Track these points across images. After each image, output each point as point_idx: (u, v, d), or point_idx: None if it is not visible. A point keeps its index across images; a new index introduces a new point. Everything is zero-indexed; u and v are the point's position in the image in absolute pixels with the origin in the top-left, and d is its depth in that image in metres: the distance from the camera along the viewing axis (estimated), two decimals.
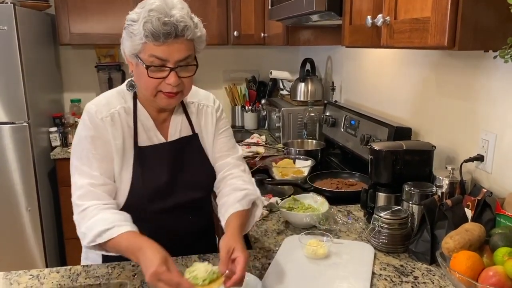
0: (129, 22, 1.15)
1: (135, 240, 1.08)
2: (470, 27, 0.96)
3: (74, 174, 1.23)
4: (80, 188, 1.19)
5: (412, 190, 1.39)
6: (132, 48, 1.16)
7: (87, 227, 1.14)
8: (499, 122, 1.34)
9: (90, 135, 1.22)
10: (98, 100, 1.28)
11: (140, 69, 1.17)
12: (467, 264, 1.04)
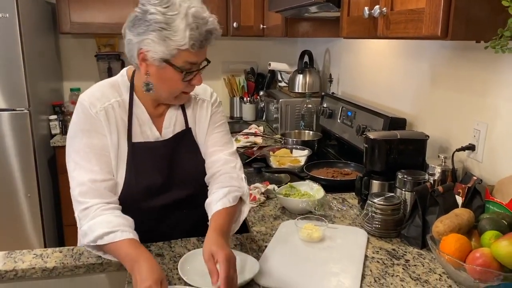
0: (160, 25, 1.10)
1: (135, 250, 1.07)
2: (462, 18, 1.00)
3: (73, 168, 1.20)
4: (82, 184, 1.17)
5: (405, 177, 1.43)
6: (165, 53, 1.12)
7: (89, 227, 1.12)
8: (490, 112, 1.38)
9: (86, 129, 1.20)
10: (91, 92, 1.25)
11: (168, 73, 1.16)
12: (456, 246, 1.08)
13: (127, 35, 1.18)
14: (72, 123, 1.23)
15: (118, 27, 3.17)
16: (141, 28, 1.12)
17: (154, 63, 1.15)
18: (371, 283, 1.13)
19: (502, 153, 1.36)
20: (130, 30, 1.16)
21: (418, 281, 1.14)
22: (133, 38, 1.15)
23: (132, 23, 1.15)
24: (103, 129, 1.21)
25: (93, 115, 1.20)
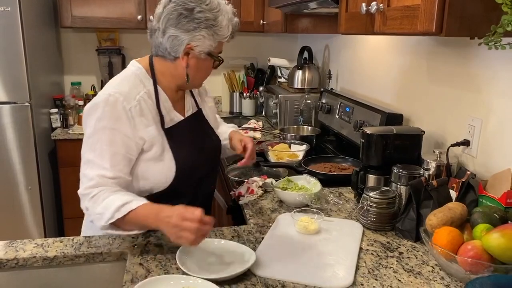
0: (211, 22, 1.21)
1: (153, 206, 1.16)
2: (456, 14, 1.02)
3: (85, 166, 1.23)
4: (90, 180, 1.21)
5: (400, 172, 1.45)
6: (210, 47, 1.24)
7: (103, 207, 1.17)
8: (485, 108, 1.40)
9: (108, 127, 1.21)
10: (119, 87, 1.25)
11: (206, 64, 1.29)
12: (448, 239, 1.10)
13: (170, 31, 1.22)
14: (93, 121, 1.22)
15: (119, 21, 3.19)
16: (191, 25, 1.21)
17: (200, 56, 1.26)
18: (365, 274, 1.15)
19: (495, 148, 1.38)
20: (176, 26, 1.21)
21: (411, 272, 1.16)
22: (180, 34, 1.22)
23: (177, 21, 1.21)
24: (130, 129, 1.23)
25: (124, 112, 1.22)
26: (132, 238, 1.33)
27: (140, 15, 2.96)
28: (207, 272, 1.10)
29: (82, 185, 1.23)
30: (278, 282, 1.11)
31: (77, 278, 1.25)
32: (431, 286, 1.10)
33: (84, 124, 1.28)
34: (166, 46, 1.25)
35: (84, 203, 1.22)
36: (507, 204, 1.23)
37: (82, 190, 1.22)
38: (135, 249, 1.27)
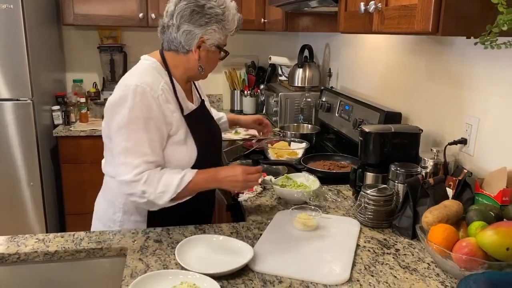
0: (219, 16, 1.33)
1: (207, 171, 1.38)
2: (453, 14, 1.03)
3: (124, 155, 1.30)
4: (136, 166, 1.29)
5: (398, 170, 1.47)
6: (220, 40, 1.37)
7: (163, 185, 1.29)
8: (481, 107, 1.42)
9: (143, 117, 1.29)
10: (143, 78, 1.33)
11: (215, 55, 1.41)
12: (443, 236, 1.12)
13: (185, 27, 1.33)
14: (125, 111, 1.29)
15: (120, 19, 3.20)
16: (203, 21, 1.32)
17: (211, 49, 1.38)
18: (361, 271, 1.17)
19: (492, 147, 1.40)
20: (190, 22, 1.33)
21: (407, 269, 1.18)
22: (194, 29, 1.33)
23: (190, 17, 1.32)
24: (162, 114, 1.34)
25: (154, 100, 1.31)
26: (132, 234, 1.35)
27: (141, 13, 2.97)
28: (205, 267, 1.12)
29: (129, 173, 1.29)
30: (275, 278, 1.12)
31: (78, 273, 1.27)
32: (426, 282, 1.12)
33: (111, 116, 1.33)
34: (180, 40, 1.36)
35: (137, 187, 1.29)
36: (502, 202, 1.25)
37: (132, 177, 1.29)
38: (134, 244, 1.29)
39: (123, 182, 1.31)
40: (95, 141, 2.86)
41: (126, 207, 1.46)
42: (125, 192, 1.34)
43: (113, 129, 1.33)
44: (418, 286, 1.10)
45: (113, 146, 1.34)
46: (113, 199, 1.48)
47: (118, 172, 1.32)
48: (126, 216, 1.46)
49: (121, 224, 1.47)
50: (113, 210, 1.48)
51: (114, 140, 1.33)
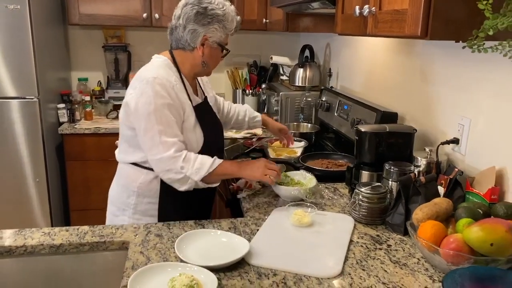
0: (220, 17, 1.49)
1: (233, 161, 1.67)
2: (441, 19, 1.07)
3: (159, 136, 1.45)
4: (173, 144, 1.46)
5: (392, 168, 1.51)
6: (220, 38, 1.53)
7: (199, 163, 1.47)
8: (474, 108, 1.46)
9: (166, 103, 1.46)
10: (157, 72, 1.49)
11: (217, 52, 1.56)
12: (431, 232, 1.16)
13: (190, 26, 1.50)
14: (149, 99, 1.45)
15: (124, 19, 3.26)
16: (205, 20, 1.49)
17: (213, 46, 1.54)
18: (353, 265, 1.21)
19: (483, 147, 1.44)
20: (194, 22, 1.49)
21: (397, 264, 1.22)
22: (198, 28, 1.50)
23: (195, 17, 1.49)
24: (178, 100, 1.50)
25: (171, 90, 1.48)
26: (134, 228, 1.40)
27: (145, 13, 3.02)
28: (203, 260, 1.17)
29: (169, 150, 1.45)
30: (270, 271, 1.17)
31: (82, 265, 1.33)
32: (415, 276, 1.16)
33: (136, 107, 1.47)
34: (186, 39, 1.52)
35: (177, 163, 1.45)
36: (491, 200, 1.29)
37: (172, 153, 1.45)
38: (136, 237, 1.34)
39: (163, 158, 1.45)
40: (100, 139, 2.93)
41: (140, 190, 1.59)
42: (162, 169, 1.47)
43: (142, 117, 1.46)
44: (407, 280, 1.15)
45: (145, 131, 1.47)
46: (127, 184, 1.61)
47: (155, 151, 1.46)
48: (140, 198, 1.59)
49: (135, 206, 1.60)
50: (127, 194, 1.61)
51: (146, 125, 1.46)
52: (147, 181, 1.58)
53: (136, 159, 1.58)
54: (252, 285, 1.11)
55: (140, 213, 1.61)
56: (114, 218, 1.65)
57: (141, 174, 1.58)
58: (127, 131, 1.56)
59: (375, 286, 1.12)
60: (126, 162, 1.62)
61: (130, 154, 1.59)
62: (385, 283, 1.13)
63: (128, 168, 1.61)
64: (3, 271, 1.30)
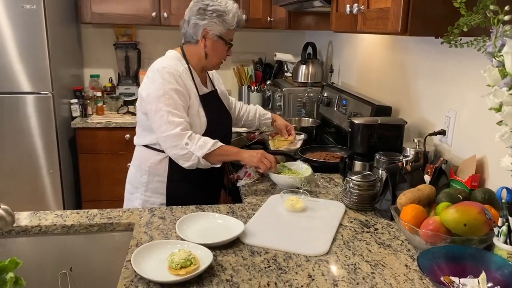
0: (220, 12, 1.66)
1: (233, 146, 1.75)
2: (420, 16, 1.16)
3: (167, 116, 1.62)
4: (180, 124, 1.62)
5: (381, 158, 1.60)
6: (220, 31, 1.69)
7: (203, 141, 1.62)
8: (459, 101, 1.54)
9: (174, 88, 1.64)
10: (166, 62, 1.69)
11: (219, 45, 1.72)
12: (412, 214, 1.25)
13: (193, 20, 1.69)
14: (158, 86, 1.63)
15: (135, 18, 3.39)
16: (206, 15, 1.66)
17: (213, 38, 1.70)
18: (340, 245, 1.31)
19: (467, 137, 1.52)
20: (196, 17, 1.68)
21: (381, 245, 1.31)
22: (199, 22, 1.67)
23: (197, 13, 1.68)
24: (185, 87, 1.67)
25: (178, 77, 1.66)
26: (139, 212, 1.52)
27: (154, 12, 3.14)
28: (201, 239, 1.27)
29: (175, 128, 1.61)
30: (262, 249, 1.27)
31: (91, 244, 1.44)
32: (397, 256, 1.25)
33: (147, 91, 1.67)
34: (190, 32, 1.71)
35: (183, 140, 1.62)
36: (472, 186, 1.37)
37: (179, 131, 1.61)
38: (141, 219, 1.45)
39: (170, 135, 1.62)
40: (110, 133, 3.05)
41: (151, 170, 1.78)
42: (169, 145, 1.63)
43: (153, 100, 1.64)
44: (389, 258, 1.24)
45: (155, 112, 1.63)
46: (140, 164, 1.81)
47: (164, 129, 1.62)
48: (151, 177, 1.78)
49: (146, 184, 1.80)
50: (141, 173, 1.81)
51: (156, 106, 1.63)
52: (157, 160, 1.77)
53: (147, 142, 1.78)
54: (245, 261, 1.21)
55: (151, 191, 1.80)
56: (130, 195, 1.86)
57: (152, 155, 1.77)
58: (141, 115, 1.76)
59: (358, 263, 1.21)
60: (140, 144, 1.83)
61: (143, 137, 1.79)
62: (368, 261, 1.22)
63: (141, 150, 1.82)
64: (20, 248, 1.42)
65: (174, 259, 1.13)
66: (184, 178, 1.77)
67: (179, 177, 1.77)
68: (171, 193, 1.78)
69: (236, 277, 1.13)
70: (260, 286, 1.10)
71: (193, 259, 1.14)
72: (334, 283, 1.11)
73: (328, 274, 1.15)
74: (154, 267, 1.15)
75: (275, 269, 1.17)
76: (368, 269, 1.18)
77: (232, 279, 1.13)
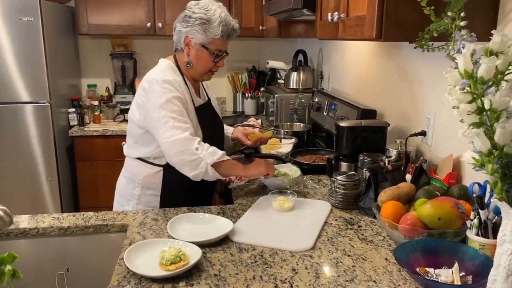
0: (203, 20, 1.60)
1: (238, 162, 1.71)
2: (393, 23, 1.23)
3: (173, 122, 1.56)
4: (187, 129, 1.58)
5: (365, 159, 1.67)
6: (203, 40, 1.63)
7: (213, 149, 1.59)
8: (437, 103, 1.61)
9: (176, 96, 1.60)
10: (161, 73, 1.64)
11: (204, 55, 1.66)
12: (391, 210, 1.31)
13: (177, 27, 1.67)
14: (159, 95, 1.58)
15: (130, 28, 3.48)
16: (189, 23, 1.63)
17: (196, 47, 1.65)
18: (324, 241, 1.37)
19: (445, 137, 1.58)
20: (181, 24, 1.65)
21: (364, 241, 1.37)
22: (182, 29, 1.64)
23: (182, 20, 1.65)
24: (183, 96, 1.64)
25: (178, 86, 1.63)
26: (133, 214, 1.58)
27: (149, 22, 3.23)
28: (192, 237, 1.34)
29: (183, 132, 1.56)
30: (250, 246, 1.34)
31: (87, 245, 1.50)
32: (378, 250, 1.31)
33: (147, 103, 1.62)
34: (175, 39, 1.69)
35: (192, 144, 1.56)
36: (449, 183, 1.44)
37: (188, 135, 1.56)
38: (135, 221, 1.51)
39: (179, 139, 1.55)
40: (107, 141, 3.12)
41: (144, 183, 1.74)
42: (177, 150, 1.56)
43: (154, 109, 1.58)
44: (370, 253, 1.30)
45: (158, 119, 1.58)
46: (132, 177, 1.77)
47: (170, 134, 1.56)
48: (144, 190, 1.74)
49: (139, 197, 1.76)
50: (133, 186, 1.76)
51: (159, 114, 1.57)
52: (151, 174, 1.73)
53: (140, 155, 1.73)
54: (233, 257, 1.27)
55: (143, 204, 1.76)
56: (120, 207, 1.81)
57: (145, 168, 1.73)
58: (136, 128, 1.71)
59: (340, 257, 1.27)
60: (132, 157, 1.77)
61: (136, 150, 1.74)
62: (350, 255, 1.28)
63: (134, 162, 1.77)
64: (18, 250, 1.47)
65: (164, 256, 1.19)
66: (178, 192, 1.73)
67: (173, 191, 1.74)
68: (164, 207, 1.71)
69: (224, 272, 1.20)
70: (246, 279, 1.16)
71: (183, 256, 1.20)
72: (316, 275, 1.18)
73: (311, 268, 1.21)
74: (145, 263, 1.21)
75: (261, 264, 1.23)
76: (349, 262, 1.24)
77: (220, 274, 1.19)
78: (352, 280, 1.15)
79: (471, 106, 0.82)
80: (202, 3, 1.64)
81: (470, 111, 0.82)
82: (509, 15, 1.25)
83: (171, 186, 1.73)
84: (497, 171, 0.84)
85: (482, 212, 1.15)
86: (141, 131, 1.69)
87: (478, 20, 1.27)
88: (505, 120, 0.79)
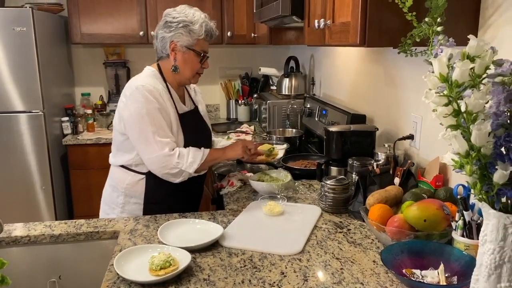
0: (185, 22, 1.63)
1: (217, 149, 1.81)
2: (376, 29, 1.26)
3: (153, 136, 1.59)
4: (167, 144, 1.61)
5: (354, 163, 1.69)
6: (189, 42, 1.66)
7: (192, 157, 1.63)
8: (424, 107, 1.63)
9: (156, 107, 1.61)
10: (145, 81, 1.64)
11: (191, 57, 1.68)
12: (378, 213, 1.33)
13: (160, 34, 1.67)
14: (140, 106, 1.59)
15: (123, 37, 3.51)
16: (172, 27, 1.64)
17: (182, 50, 1.66)
18: (313, 245, 1.38)
19: (432, 141, 1.61)
20: (163, 30, 1.66)
21: (352, 244, 1.39)
22: (166, 34, 1.65)
23: (163, 26, 1.67)
24: (165, 105, 1.65)
25: (158, 96, 1.63)
26: (124, 221, 1.59)
27: (142, 31, 3.26)
28: (182, 243, 1.35)
29: (163, 149, 1.60)
30: (240, 251, 1.35)
31: (78, 252, 1.51)
32: (366, 253, 1.33)
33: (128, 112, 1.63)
34: (159, 47, 1.70)
35: (173, 159, 1.61)
36: (436, 186, 1.46)
37: (168, 151, 1.60)
38: (126, 227, 1.52)
39: (159, 156, 1.60)
40: (101, 149, 3.13)
41: (127, 191, 1.75)
42: (158, 166, 1.62)
43: (135, 120, 1.60)
44: (359, 255, 1.31)
45: (139, 133, 1.61)
46: (116, 185, 1.77)
47: (152, 150, 1.60)
48: (127, 198, 1.75)
49: (123, 205, 1.77)
50: (117, 194, 1.77)
51: (140, 127, 1.60)
52: (133, 182, 1.73)
53: (123, 162, 1.74)
54: (222, 262, 1.29)
55: (127, 212, 1.76)
56: (105, 215, 1.82)
57: (128, 176, 1.74)
58: (118, 136, 1.72)
59: (329, 260, 1.28)
60: (115, 164, 1.78)
61: (119, 157, 1.75)
62: (338, 258, 1.30)
63: (117, 170, 1.78)
64: (10, 258, 1.48)
65: (154, 261, 1.20)
66: (161, 201, 1.73)
67: (156, 200, 1.74)
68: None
69: (213, 276, 1.21)
70: (235, 283, 1.17)
71: (172, 261, 1.21)
72: (305, 278, 1.19)
73: (299, 271, 1.23)
74: (135, 269, 1.22)
75: (250, 268, 1.25)
76: (337, 265, 1.26)
77: (209, 278, 1.20)
78: (339, 282, 1.17)
79: (448, 109, 0.84)
80: (178, 8, 1.68)
81: (447, 113, 0.84)
82: (489, 20, 1.28)
83: (154, 195, 1.74)
84: (475, 172, 0.86)
85: (467, 213, 1.16)
86: (122, 138, 1.70)
87: (460, 25, 1.30)
88: (480, 122, 0.81)
